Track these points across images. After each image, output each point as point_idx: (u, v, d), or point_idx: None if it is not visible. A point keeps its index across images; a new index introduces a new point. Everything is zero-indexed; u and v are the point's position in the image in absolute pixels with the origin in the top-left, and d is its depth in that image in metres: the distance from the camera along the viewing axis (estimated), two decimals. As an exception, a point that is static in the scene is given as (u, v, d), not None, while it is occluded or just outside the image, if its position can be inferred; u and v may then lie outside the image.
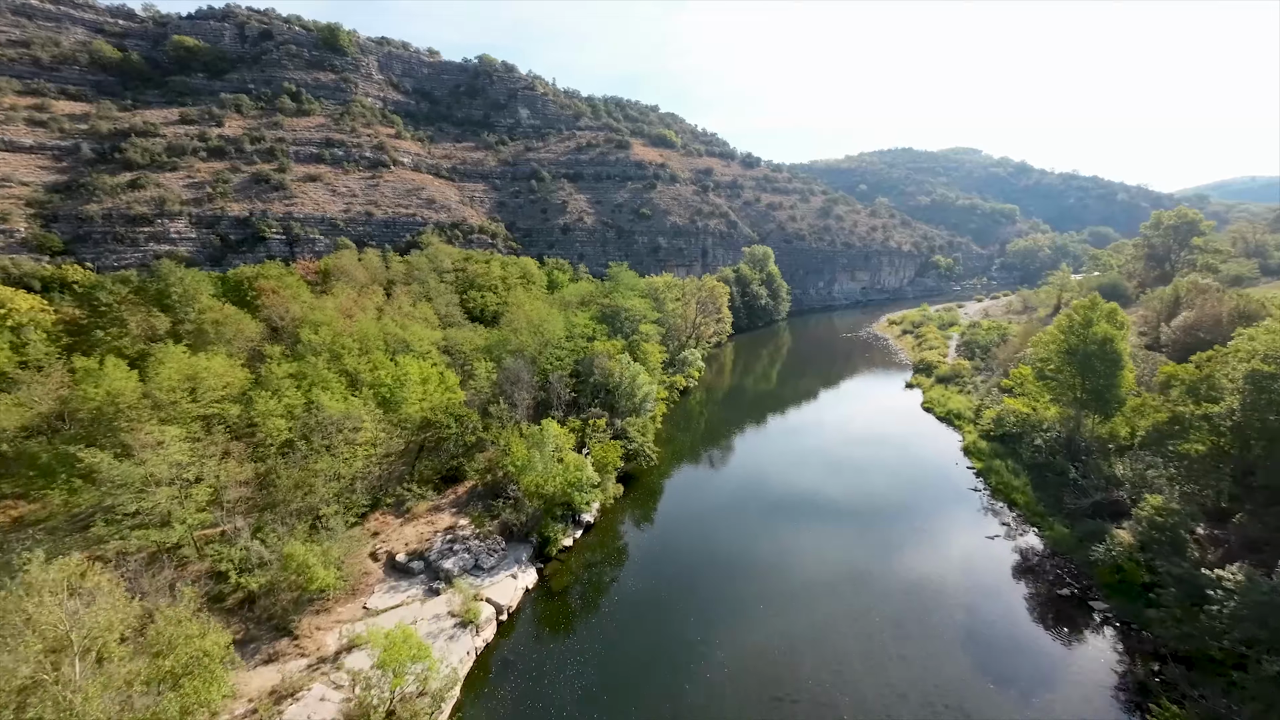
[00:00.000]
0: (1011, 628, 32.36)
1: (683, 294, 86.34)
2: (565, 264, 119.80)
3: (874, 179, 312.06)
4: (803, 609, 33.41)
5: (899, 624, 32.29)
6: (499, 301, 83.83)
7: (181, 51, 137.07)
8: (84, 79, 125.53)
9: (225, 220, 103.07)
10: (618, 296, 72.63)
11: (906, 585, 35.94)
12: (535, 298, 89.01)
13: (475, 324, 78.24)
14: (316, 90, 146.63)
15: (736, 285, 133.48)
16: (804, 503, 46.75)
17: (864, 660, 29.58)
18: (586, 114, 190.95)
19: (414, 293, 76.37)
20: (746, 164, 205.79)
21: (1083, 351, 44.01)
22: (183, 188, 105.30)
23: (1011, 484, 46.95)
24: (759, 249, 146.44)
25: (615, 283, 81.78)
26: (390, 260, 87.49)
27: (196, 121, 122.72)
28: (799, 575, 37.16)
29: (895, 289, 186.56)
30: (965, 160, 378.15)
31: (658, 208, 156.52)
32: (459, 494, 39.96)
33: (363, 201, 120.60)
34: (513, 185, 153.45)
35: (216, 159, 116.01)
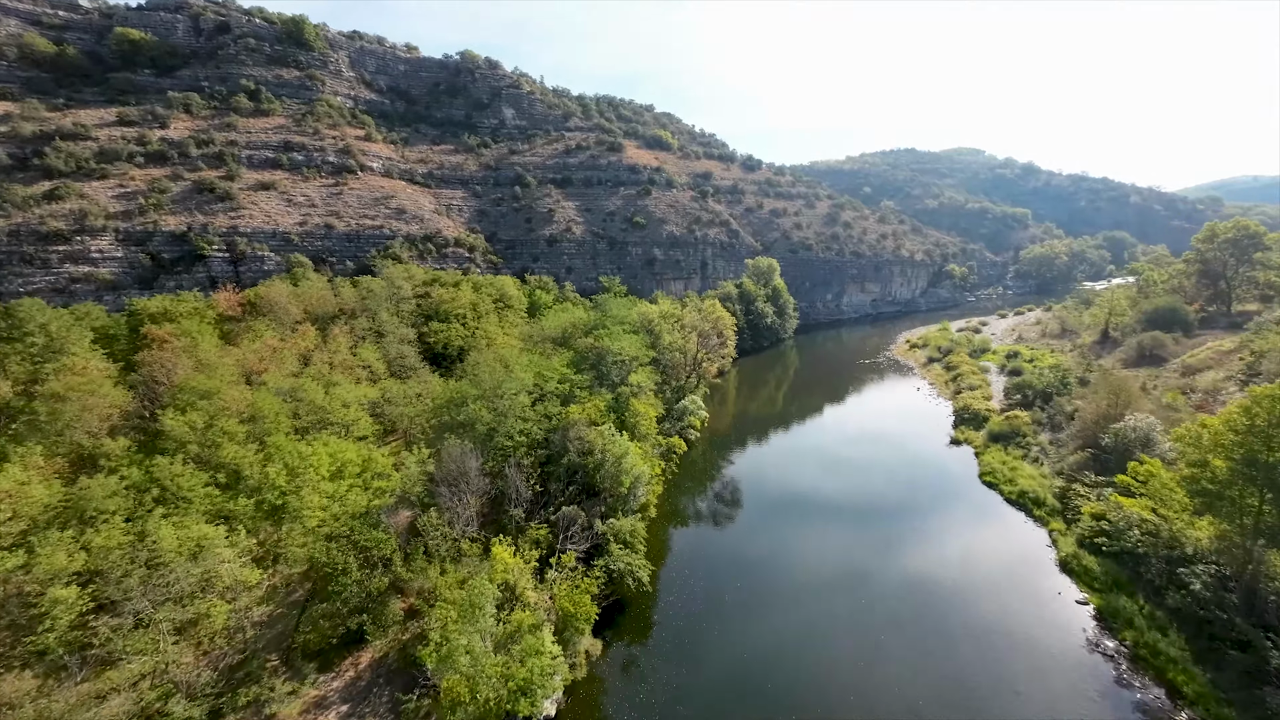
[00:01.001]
0: None
1: (681, 324, 74.12)
2: (549, 282, 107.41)
3: (878, 181, 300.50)
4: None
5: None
6: (466, 335, 71.40)
7: (125, 45, 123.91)
8: (12, 75, 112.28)
9: (159, 236, 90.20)
10: (604, 337, 60.33)
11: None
12: (510, 328, 76.66)
13: (436, 366, 65.86)
14: (278, 88, 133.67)
15: (740, 303, 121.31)
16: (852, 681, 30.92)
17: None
18: (577, 114, 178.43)
19: (360, 329, 63.80)
20: (747, 167, 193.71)
21: (1269, 464, 30.19)
22: (111, 199, 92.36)
23: (1164, 651, 31.50)
24: (763, 261, 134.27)
25: (602, 313, 69.33)
26: (340, 286, 74.80)
27: (137, 123, 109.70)
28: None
29: (907, 301, 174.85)
30: (969, 161, 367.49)
31: (653, 216, 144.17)
32: (359, 669, 27.33)
33: (323, 212, 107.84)
34: (495, 191, 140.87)
35: (156, 165, 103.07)
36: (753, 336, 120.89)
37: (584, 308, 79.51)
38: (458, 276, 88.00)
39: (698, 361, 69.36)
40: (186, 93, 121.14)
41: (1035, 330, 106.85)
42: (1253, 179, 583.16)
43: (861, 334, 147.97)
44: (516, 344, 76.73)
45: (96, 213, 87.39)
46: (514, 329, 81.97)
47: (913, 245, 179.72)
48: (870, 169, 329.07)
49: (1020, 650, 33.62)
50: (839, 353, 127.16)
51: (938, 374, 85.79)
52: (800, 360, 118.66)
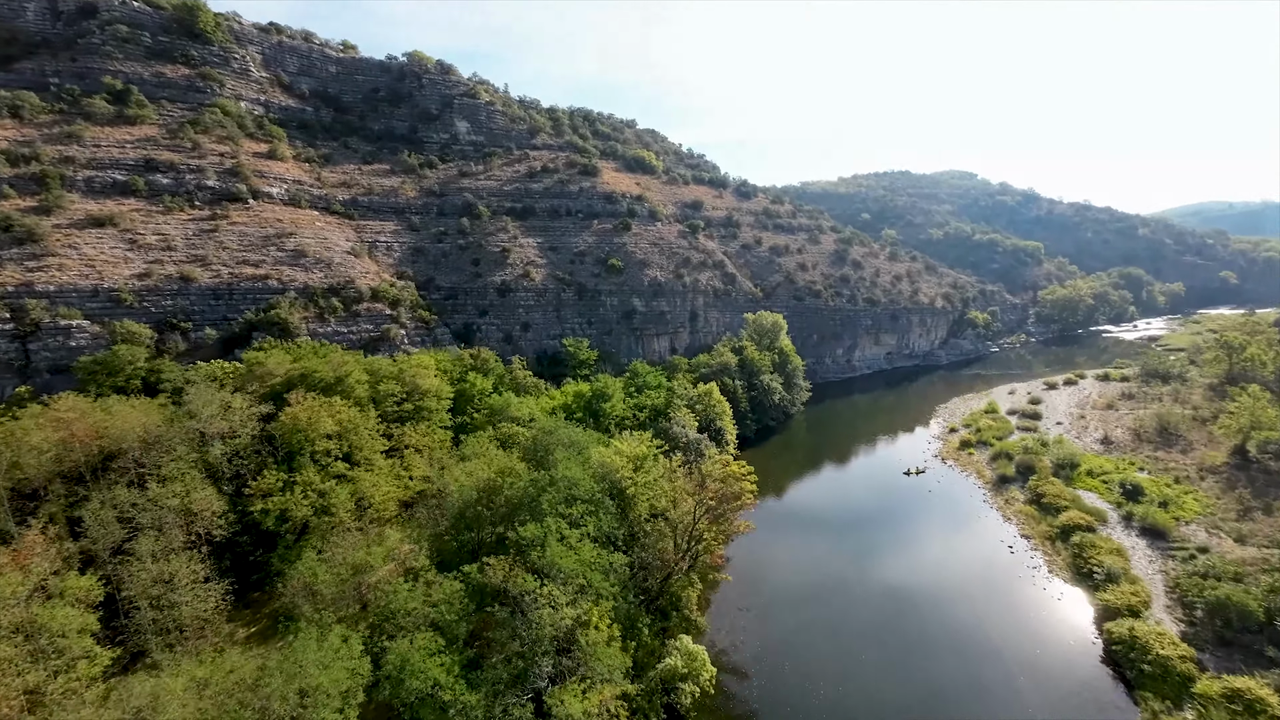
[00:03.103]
0: None
1: (671, 477, 46.78)
2: (489, 358, 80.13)
3: (876, 207, 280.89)
4: None
5: None
6: (321, 491, 43.93)
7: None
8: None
9: (-103, 300, 61.08)
10: (538, 554, 33.36)
11: None
12: (387, 481, 49.41)
13: (259, 553, 38.19)
14: (158, 89, 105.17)
15: (741, 375, 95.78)
16: None
17: None
18: (545, 129, 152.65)
19: (98, 520, 36.10)
20: (742, 194, 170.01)
21: None
22: None
23: None
24: (766, 318, 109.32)
25: (539, 482, 41.76)
26: (111, 410, 46.05)
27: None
28: None
29: (926, 353, 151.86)
30: (964, 185, 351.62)
31: (632, 257, 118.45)
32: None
33: (181, 257, 79.46)
34: (437, 223, 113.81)
35: (-62, 190, 73.96)
36: (756, 417, 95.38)
37: (520, 444, 52.30)
38: (343, 362, 60.47)
39: (695, 537, 43.17)
40: (21, 91, 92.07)
41: (1120, 423, 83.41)
42: (1227, 205, 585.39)
43: (881, 400, 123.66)
44: (400, 493, 49.98)
45: None
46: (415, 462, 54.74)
47: (930, 289, 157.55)
48: (866, 192, 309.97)
49: None
50: (863, 436, 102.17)
51: (1028, 516, 60.59)
52: (818, 454, 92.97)
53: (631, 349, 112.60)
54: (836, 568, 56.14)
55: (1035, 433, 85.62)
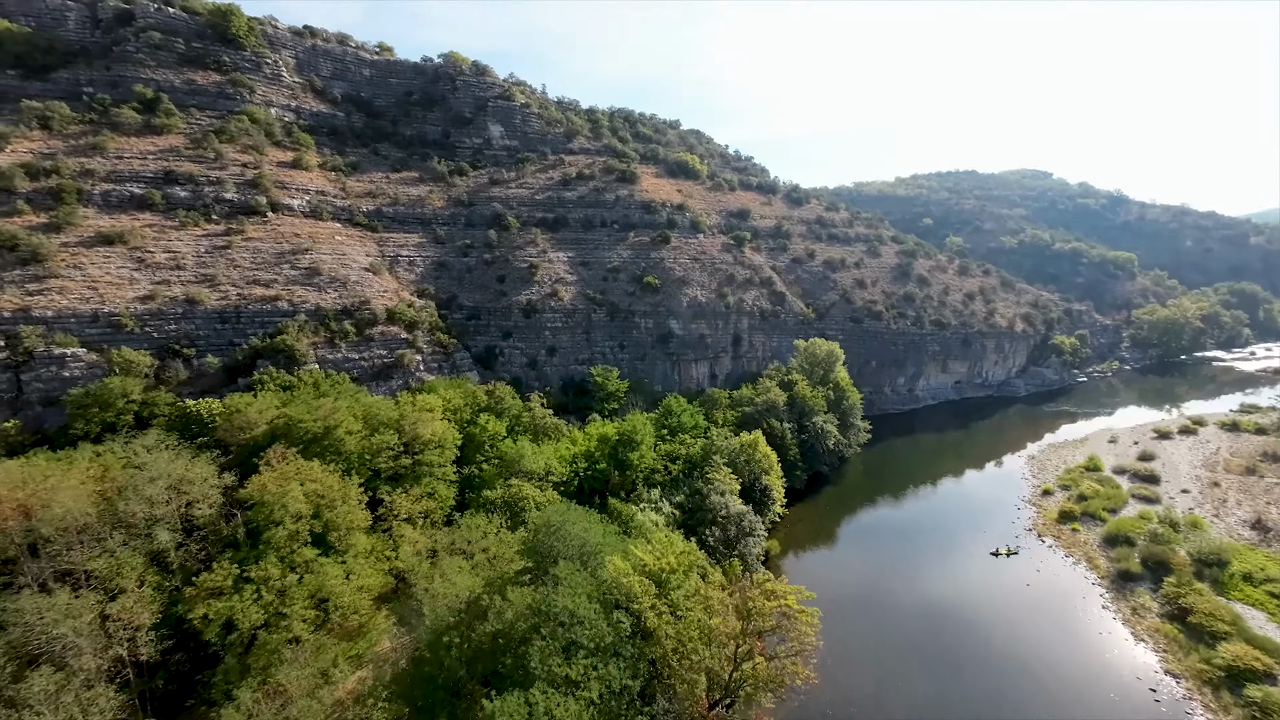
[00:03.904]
0: None
1: (706, 603, 35.61)
2: (506, 394, 71.69)
3: (939, 211, 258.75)
4: None
5: None
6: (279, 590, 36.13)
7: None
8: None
9: (-109, 327, 58.06)
10: None
11: None
12: (365, 569, 41.28)
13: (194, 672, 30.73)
14: (190, 96, 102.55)
15: (790, 416, 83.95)
16: None
17: None
18: (583, 132, 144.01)
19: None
20: (792, 200, 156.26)
21: None
22: None
23: None
24: (821, 346, 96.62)
25: (537, 630, 31.73)
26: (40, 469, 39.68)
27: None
28: None
29: (1001, 382, 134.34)
30: (1039, 187, 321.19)
31: (670, 274, 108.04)
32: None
33: (190, 276, 74.91)
34: (464, 235, 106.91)
35: (-45, 206, 71.88)
36: (806, 463, 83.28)
37: (524, 530, 43.30)
38: (333, 409, 53.04)
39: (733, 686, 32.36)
40: (54, 101, 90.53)
41: (1274, 498, 66.77)
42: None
43: (950, 439, 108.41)
44: (379, 584, 41.96)
45: None
46: (405, 536, 46.55)
47: (1007, 308, 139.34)
48: (928, 195, 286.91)
49: None
50: (932, 488, 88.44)
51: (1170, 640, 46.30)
52: (879, 513, 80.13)
53: (667, 375, 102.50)
54: (909, 694, 44.22)
55: (1157, 504, 69.86)
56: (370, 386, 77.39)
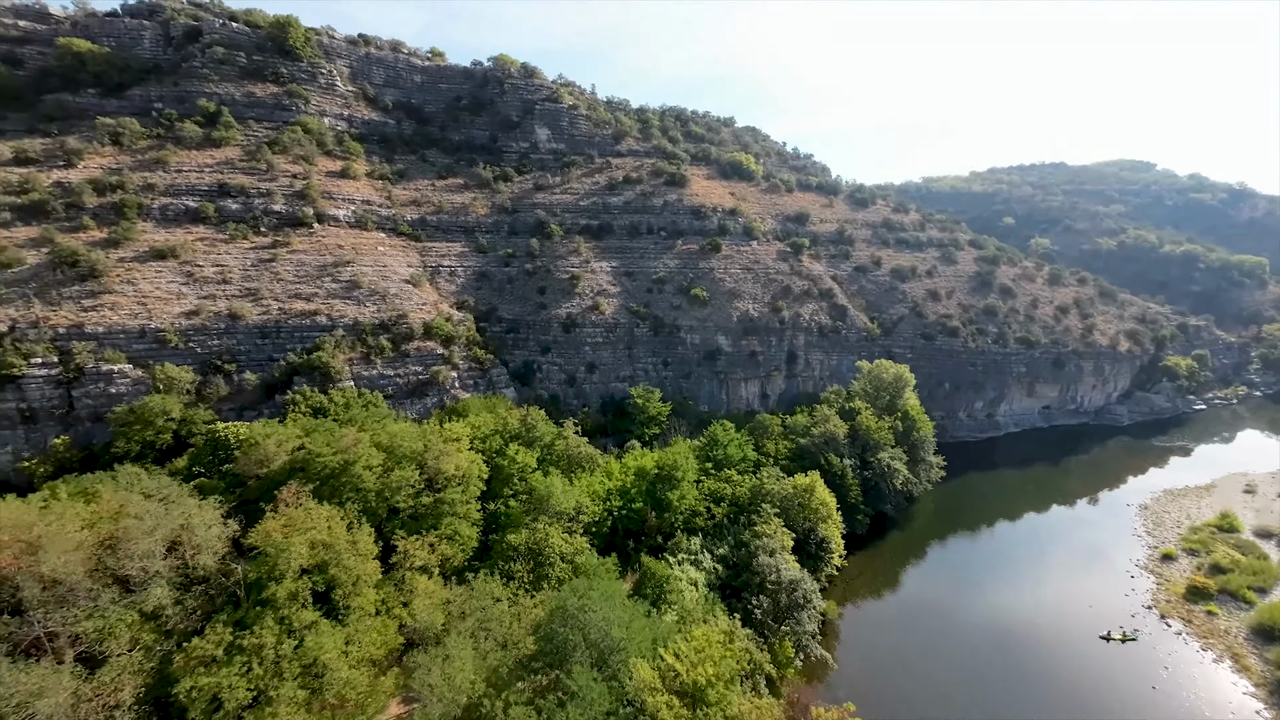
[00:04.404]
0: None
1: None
2: (538, 419, 66.94)
3: (1022, 208, 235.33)
4: None
5: None
6: (273, 661, 32.73)
7: (69, 60, 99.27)
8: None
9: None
10: None
11: None
12: (370, 630, 37.36)
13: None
14: (247, 109, 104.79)
15: (851, 450, 75.00)
16: None
17: None
18: (632, 133, 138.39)
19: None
20: (856, 201, 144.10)
21: None
22: (-77, 280, 64.28)
23: None
24: (887, 370, 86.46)
25: None
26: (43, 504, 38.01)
27: (39, 161, 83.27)
28: None
29: (1099, 409, 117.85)
30: (1140, 179, 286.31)
31: (720, 285, 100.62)
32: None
33: (236, 290, 75.13)
34: (507, 243, 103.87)
35: (29, 222, 75.16)
36: (869, 503, 73.99)
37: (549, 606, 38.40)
38: (355, 440, 49.99)
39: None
40: (126, 118, 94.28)
41: None
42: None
43: (1037, 475, 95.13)
44: (384, 645, 38.00)
45: (-128, 309, 58.81)
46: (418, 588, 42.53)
47: (1109, 324, 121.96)
48: (1008, 190, 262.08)
49: None
50: (1019, 538, 77.09)
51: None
52: (954, 567, 70.07)
53: (713, 395, 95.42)
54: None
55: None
56: (404, 404, 75.38)
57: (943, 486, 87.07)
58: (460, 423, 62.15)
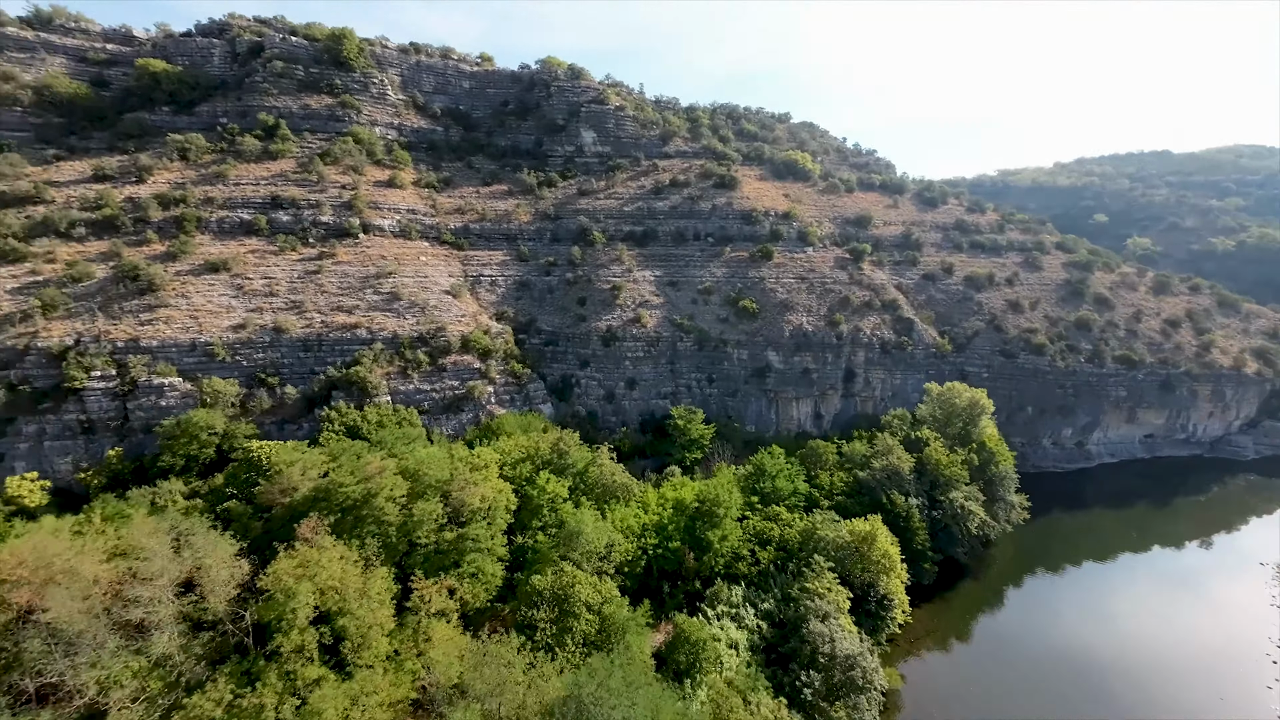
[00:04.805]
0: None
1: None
2: (572, 444, 63.00)
3: (1117, 204, 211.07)
4: None
5: None
6: None
7: (146, 79, 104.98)
8: (24, 122, 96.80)
9: (32, 355, 63.46)
10: None
11: None
12: (379, 682, 34.52)
13: None
14: (305, 120, 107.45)
15: (917, 487, 66.88)
16: None
17: None
18: (681, 132, 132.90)
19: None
20: (924, 201, 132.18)
21: None
22: (6, 294, 68.21)
23: None
24: (961, 394, 77.09)
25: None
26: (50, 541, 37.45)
27: (113, 177, 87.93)
28: None
29: (1216, 439, 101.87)
30: (1264, 168, 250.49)
31: (771, 296, 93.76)
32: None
33: (281, 303, 76.00)
34: (549, 250, 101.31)
35: (102, 236, 79.08)
36: (938, 546, 65.57)
37: None
38: (380, 469, 47.93)
39: None
40: (193, 133, 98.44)
41: None
42: None
43: (1139, 517, 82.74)
44: (395, 695, 35.13)
45: (-42, 323, 62.67)
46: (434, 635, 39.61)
47: (1230, 341, 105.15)
48: (1100, 184, 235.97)
49: None
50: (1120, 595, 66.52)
51: None
52: (1039, 628, 60.97)
53: (762, 415, 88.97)
54: None
55: None
56: (440, 420, 73.95)
57: (1023, 526, 76.74)
58: (489, 447, 59.30)
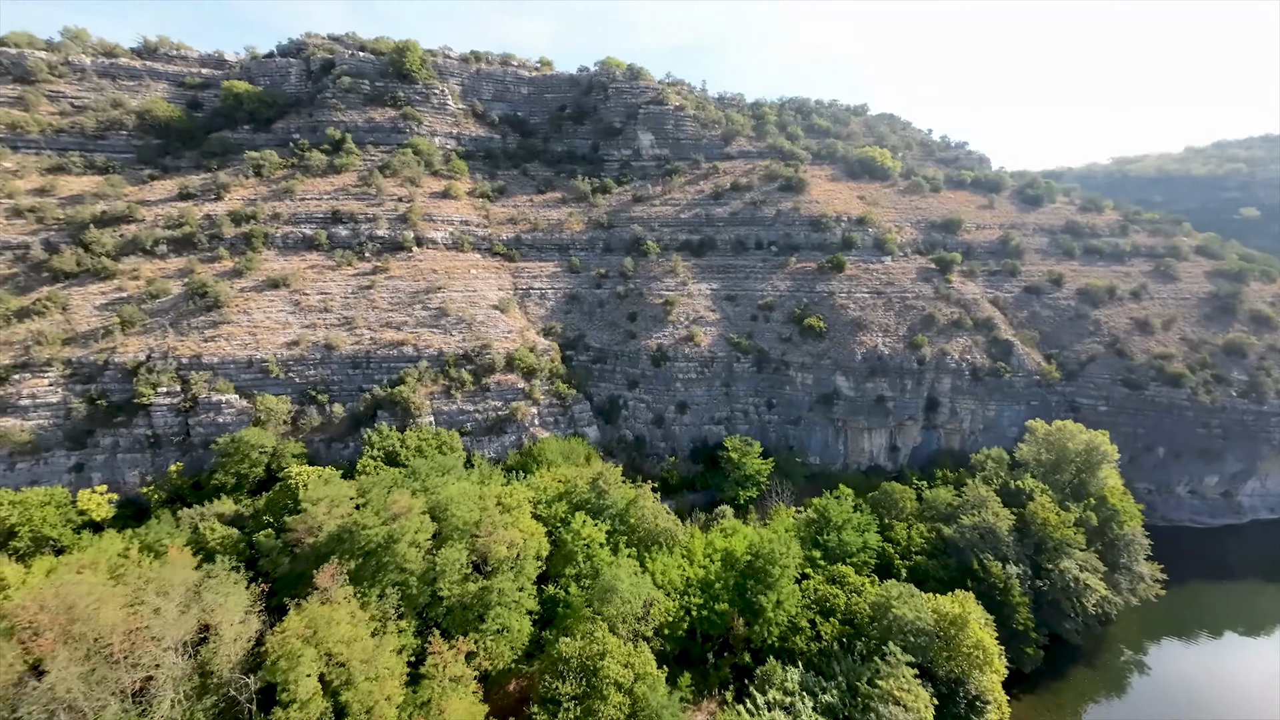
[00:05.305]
0: None
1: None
2: (613, 480, 57.81)
3: (1273, 197, 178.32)
4: None
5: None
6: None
7: (230, 100, 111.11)
8: (129, 145, 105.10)
9: (110, 370, 67.03)
10: None
11: None
12: None
13: None
14: (369, 134, 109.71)
15: (1019, 550, 56.25)
16: None
17: None
18: (745, 131, 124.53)
19: None
20: (1026, 200, 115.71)
21: None
22: (93, 311, 72.91)
23: None
24: (1074, 435, 64.63)
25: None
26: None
27: (197, 195, 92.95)
28: None
29: None
30: None
31: (842, 313, 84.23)
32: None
33: (334, 319, 76.54)
34: (602, 262, 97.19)
35: (181, 252, 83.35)
36: (1043, 621, 54.63)
37: None
38: (406, 509, 45.14)
39: None
40: (268, 150, 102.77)
41: None
42: None
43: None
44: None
45: (52, 338, 67.14)
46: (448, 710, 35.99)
47: None
48: (1248, 173, 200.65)
49: None
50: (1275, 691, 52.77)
51: None
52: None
53: (827, 445, 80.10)
54: None
55: None
56: (482, 443, 71.57)
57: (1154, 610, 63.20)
58: (523, 483, 55.46)
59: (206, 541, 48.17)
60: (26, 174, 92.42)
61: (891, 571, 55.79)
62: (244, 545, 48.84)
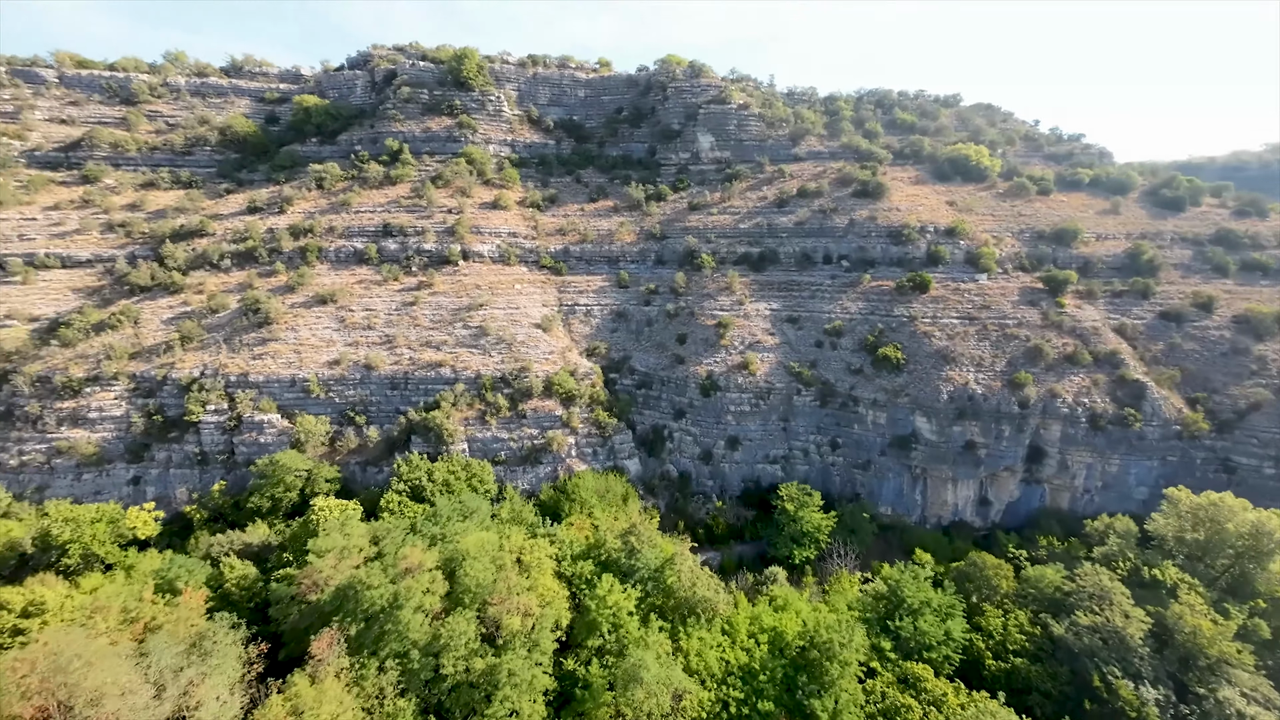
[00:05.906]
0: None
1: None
2: (650, 538, 51.36)
3: None
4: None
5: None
6: None
7: (300, 114, 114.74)
8: (211, 160, 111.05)
9: (168, 385, 68.96)
10: None
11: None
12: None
13: None
14: (425, 143, 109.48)
15: (1156, 664, 44.25)
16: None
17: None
18: (816, 129, 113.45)
19: None
20: (1161, 203, 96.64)
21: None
22: (160, 325, 75.83)
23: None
24: (1236, 513, 50.70)
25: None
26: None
27: (263, 209, 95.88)
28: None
29: None
30: None
31: (924, 341, 72.75)
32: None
33: (376, 337, 75.30)
34: (652, 275, 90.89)
35: (243, 266, 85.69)
36: (1184, 759, 42.58)
37: None
38: (417, 565, 41.27)
39: None
40: (330, 162, 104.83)
41: None
42: None
43: None
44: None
45: (119, 353, 70.08)
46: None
47: None
48: None
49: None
50: None
51: None
52: None
53: (902, 494, 69.46)
54: None
55: None
56: (515, 473, 67.58)
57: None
58: (546, 541, 50.22)
59: (224, 580, 46.72)
60: (123, 190, 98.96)
61: (981, 674, 45.75)
62: (261, 585, 47.00)
